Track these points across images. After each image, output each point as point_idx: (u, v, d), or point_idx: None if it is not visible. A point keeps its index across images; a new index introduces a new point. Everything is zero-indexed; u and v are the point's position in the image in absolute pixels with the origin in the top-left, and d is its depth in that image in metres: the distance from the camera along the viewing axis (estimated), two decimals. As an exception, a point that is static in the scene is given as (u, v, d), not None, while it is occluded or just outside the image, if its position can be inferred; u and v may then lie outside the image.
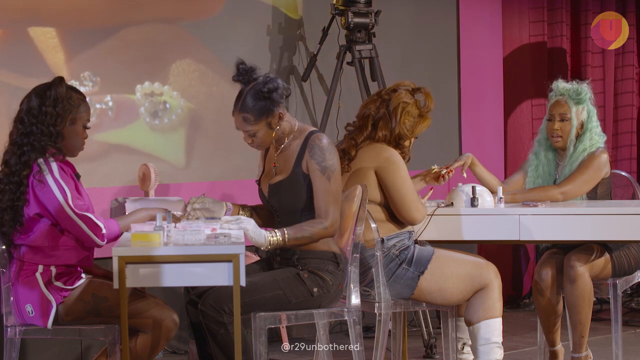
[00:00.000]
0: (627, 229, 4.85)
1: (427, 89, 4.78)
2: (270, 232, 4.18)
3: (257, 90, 4.24)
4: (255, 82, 4.27)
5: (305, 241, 4.25)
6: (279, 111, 4.28)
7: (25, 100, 4.26)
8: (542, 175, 5.30)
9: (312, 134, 4.33)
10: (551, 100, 5.28)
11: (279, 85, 4.26)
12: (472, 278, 4.65)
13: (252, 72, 4.29)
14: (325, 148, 4.28)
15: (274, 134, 4.32)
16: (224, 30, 6.19)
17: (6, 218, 4.18)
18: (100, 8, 5.79)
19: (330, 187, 4.26)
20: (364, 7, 6.21)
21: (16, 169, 4.18)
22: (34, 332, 4.25)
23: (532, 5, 7.59)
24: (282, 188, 4.34)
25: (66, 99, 4.23)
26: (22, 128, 4.21)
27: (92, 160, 5.69)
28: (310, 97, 6.58)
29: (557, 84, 5.28)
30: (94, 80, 5.78)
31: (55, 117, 4.20)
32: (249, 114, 4.26)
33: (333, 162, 4.28)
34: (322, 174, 4.26)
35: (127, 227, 4.28)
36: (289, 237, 4.20)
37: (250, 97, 4.26)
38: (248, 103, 4.25)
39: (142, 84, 5.95)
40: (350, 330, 4.41)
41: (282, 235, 4.19)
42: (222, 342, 4.13)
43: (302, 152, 4.30)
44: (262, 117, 4.26)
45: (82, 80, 5.72)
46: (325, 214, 4.25)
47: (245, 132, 4.31)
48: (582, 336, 5.06)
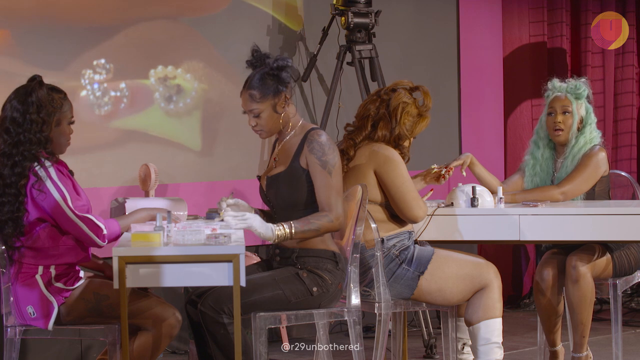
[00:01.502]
0: (627, 229, 4.85)
1: (425, 88, 4.78)
2: (277, 226, 4.17)
3: (267, 68, 4.27)
4: (266, 63, 4.31)
5: (311, 234, 4.24)
6: (286, 94, 4.28)
7: (8, 106, 4.21)
8: (539, 173, 5.29)
9: (312, 130, 4.34)
10: (550, 96, 5.27)
11: (288, 64, 4.27)
12: (472, 278, 4.65)
13: (266, 57, 4.31)
14: (324, 143, 4.28)
15: (280, 120, 4.32)
16: (225, 28, 6.20)
17: (8, 230, 4.17)
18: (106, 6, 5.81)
19: (332, 181, 4.26)
20: (364, 7, 6.21)
21: (11, 180, 4.15)
22: (34, 333, 4.25)
23: (532, 5, 7.59)
24: (280, 181, 4.34)
25: (48, 102, 4.19)
26: (9, 138, 4.17)
27: (109, 148, 5.71)
28: (310, 97, 6.58)
29: (553, 82, 5.28)
30: (107, 68, 5.79)
31: (41, 124, 4.17)
32: (255, 91, 4.27)
33: (333, 157, 4.28)
34: (322, 169, 4.26)
35: (128, 227, 4.28)
36: (295, 230, 4.19)
37: (259, 75, 4.28)
38: (256, 80, 4.28)
39: (156, 68, 5.95)
40: (350, 330, 4.41)
41: (290, 228, 4.18)
42: (222, 342, 4.13)
43: (301, 147, 4.31)
44: (268, 95, 4.27)
45: (96, 68, 5.73)
46: (329, 207, 4.25)
47: (249, 111, 4.30)
48: (583, 336, 5.06)
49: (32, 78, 4.24)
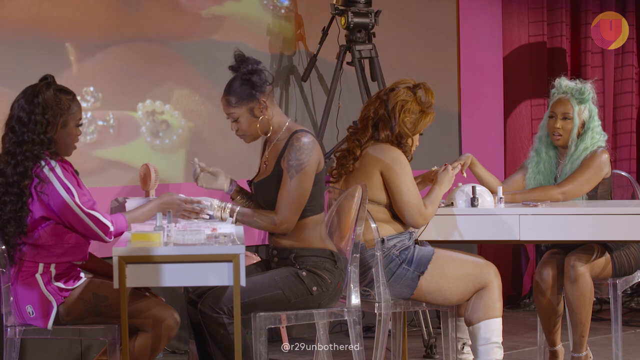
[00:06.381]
0: (627, 229, 4.85)
1: (426, 84, 4.78)
2: (223, 204, 4.30)
3: (241, 74, 4.34)
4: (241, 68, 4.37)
5: (253, 227, 4.36)
6: (262, 99, 4.32)
7: (16, 105, 4.21)
8: (542, 172, 5.29)
9: (296, 132, 4.35)
10: (553, 98, 5.26)
11: (260, 69, 4.34)
12: (472, 278, 4.65)
13: (245, 61, 4.35)
14: (299, 147, 4.29)
15: (258, 124, 4.34)
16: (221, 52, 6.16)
17: (10, 230, 4.17)
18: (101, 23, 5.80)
19: (291, 185, 4.28)
20: (364, 7, 6.21)
21: (14, 179, 4.14)
22: (34, 332, 4.24)
23: (531, 5, 7.60)
24: (264, 186, 4.38)
25: (55, 104, 4.19)
26: (14, 137, 4.17)
27: (90, 176, 5.67)
28: (310, 97, 6.58)
29: (560, 81, 5.26)
30: (96, 96, 5.77)
31: (46, 125, 4.17)
32: (231, 97, 4.35)
33: (302, 162, 4.29)
34: (287, 172, 4.30)
35: (136, 219, 4.28)
36: (236, 217, 4.30)
37: (235, 81, 4.36)
38: (232, 86, 4.36)
39: (144, 101, 5.95)
40: (350, 330, 4.41)
41: (232, 213, 4.29)
42: (222, 342, 4.13)
43: (284, 150, 4.33)
44: (244, 100, 4.33)
45: (84, 96, 5.72)
46: (278, 210, 4.30)
47: (228, 115, 4.38)
48: (582, 336, 5.06)
49: (43, 78, 4.25)
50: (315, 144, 4.32)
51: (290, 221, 4.29)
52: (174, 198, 4.29)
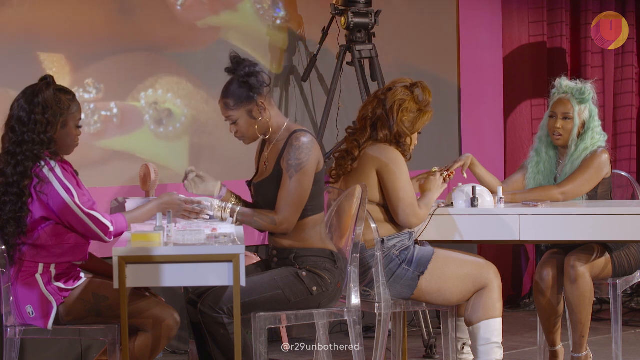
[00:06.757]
0: (627, 229, 4.85)
1: (424, 83, 4.77)
2: (223, 204, 4.30)
3: (238, 77, 4.33)
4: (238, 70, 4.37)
5: (252, 226, 4.35)
6: (260, 100, 4.31)
7: (16, 104, 4.21)
8: (542, 172, 5.29)
9: (295, 132, 4.35)
10: (554, 98, 5.26)
11: (257, 71, 4.33)
12: (472, 278, 4.65)
13: (241, 63, 4.34)
14: (298, 147, 4.29)
15: (256, 126, 4.34)
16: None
17: (10, 230, 4.17)
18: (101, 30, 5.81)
19: (290, 185, 4.28)
20: (364, 7, 6.21)
21: (14, 179, 4.14)
22: (34, 332, 4.24)
23: (531, 5, 7.59)
24: (263, 186, 4.37)
25: (55, 103, 4.19)
26: (14, 137, 4.17)
27: (95, 167, 5.68)
28: (310, 97, 6.58)
29: (560, 81, 5.26)
30: (97, 87, 5.77)
31: (46, 125, 4.17)
32: (229, 99, 4.34)
33: (301, 161, 4.29)
34: (286, 172, 4.30)
35: (136, 219, 4.28)
36: (236, 217, 4.29)
37: (232, 83, 4.35)
38: (229, 89, 4.35)
39: (146, 91, 5.95)
40: (350, 330, 4.41)
41: (232, 213, 4.29)
42: (222, 342, 4.13)
43: (283, 150, 4.33)
44: (242, 103, 4.32)
45: (86, 87, 5.72)
46: (278, 209, 4.29)
47: (226, 118, 4.37)
48: (582, 336, 5.06)
49: (43, 78, 4.25)
50: (314, 143, 4.32)
51: (291, 221, 4.29)
52: (174, 198, 4.29)
